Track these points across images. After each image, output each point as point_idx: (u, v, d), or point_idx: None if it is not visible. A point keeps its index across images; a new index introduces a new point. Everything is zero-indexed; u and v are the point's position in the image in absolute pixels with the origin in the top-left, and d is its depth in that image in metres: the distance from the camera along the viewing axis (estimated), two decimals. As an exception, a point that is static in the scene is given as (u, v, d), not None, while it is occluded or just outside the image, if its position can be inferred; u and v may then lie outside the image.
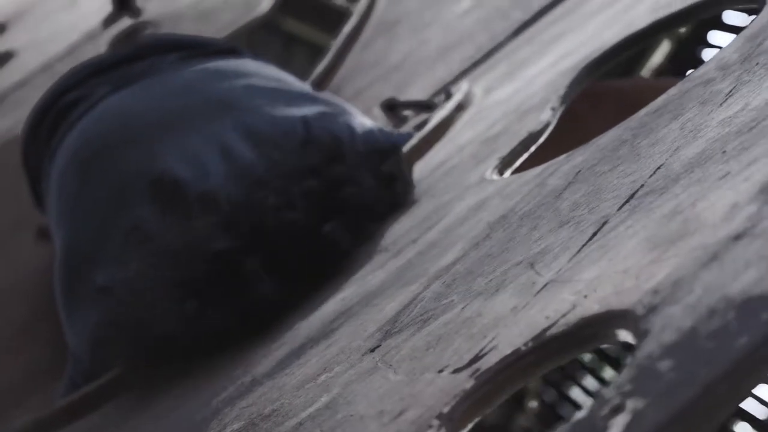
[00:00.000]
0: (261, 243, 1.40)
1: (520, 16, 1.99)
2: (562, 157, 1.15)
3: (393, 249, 1.25)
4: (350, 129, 1.52)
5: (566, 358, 0.78)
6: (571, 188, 1.03)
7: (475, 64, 1.94)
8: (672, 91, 1.11)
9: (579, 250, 0.88)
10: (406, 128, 1.80)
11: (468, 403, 0.78)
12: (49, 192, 1.73)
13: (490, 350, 0.81)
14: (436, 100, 1.83)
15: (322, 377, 1.00)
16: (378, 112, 1.89)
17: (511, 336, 0.81)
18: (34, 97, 1.92)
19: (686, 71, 1.96)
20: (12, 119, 2.23)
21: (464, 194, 1.26)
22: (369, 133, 1.52)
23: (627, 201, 0.91)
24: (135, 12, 2.40)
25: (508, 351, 0.79)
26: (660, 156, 0.96)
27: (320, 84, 2.05)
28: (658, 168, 0.93)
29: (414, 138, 1.62)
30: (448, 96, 1.75)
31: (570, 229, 0.94)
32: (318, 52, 2.24)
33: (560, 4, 1.93)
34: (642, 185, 0.92)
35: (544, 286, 0.86)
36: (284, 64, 2.22)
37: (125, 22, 2.43)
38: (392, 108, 1.79)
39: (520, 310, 0.85)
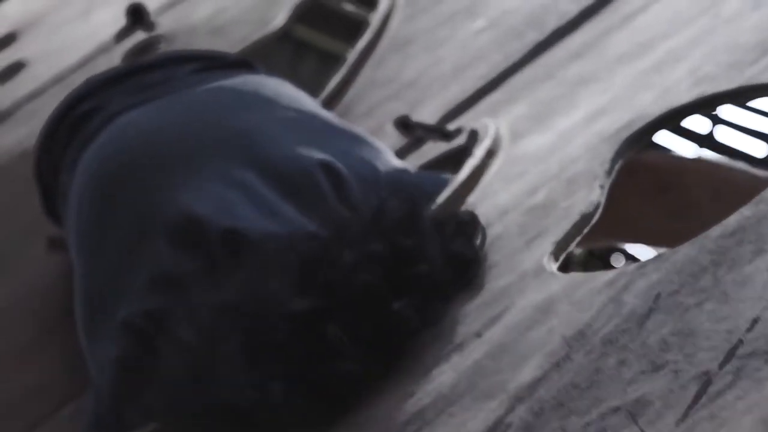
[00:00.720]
0: (338, 307, 1.30)
1: (534, 36, 1.99)
2: (632, 267, 1.17)
3: (455, 339, 1.26)
4: (420, 188, 1.50)
5: None
6: (655, 318, 1.06)
7: (491, 85, 1.94)
8: (746, 212, 1.13)
9: (686, 414, 0.91)
10: (423, 153, 1.81)
11: None
12: (68, 211, 1.72)
13: None
14: (452, 129, 1.83)
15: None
16: (391, 129, 1.89)
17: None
18: (46, 108, 1.90)
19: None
20: (25, 130, 2.21)
21: (523, 285, 1.28)
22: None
23: (727, 359, 0.94)
24: (149, 26, 2.38)
25: None
26: (752, 304, 0.99)
27: (333, 99, 2.05)
28: (755, 322, 0.96)
29: (447, 190, 1.62)
30: (474, 136, 1.76)
31: (667, 378, 0.96)
32: (328, 58, 2.23)
33: (577, 29, 1.94)
34: (741, 341, 0.95)
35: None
36: (294, 70, 2.22)
37: (139, 36, 2.41)
38: (406, 126, 1.79)
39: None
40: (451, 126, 1.85)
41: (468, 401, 1.13)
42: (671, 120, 1.49)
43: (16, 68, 2.65)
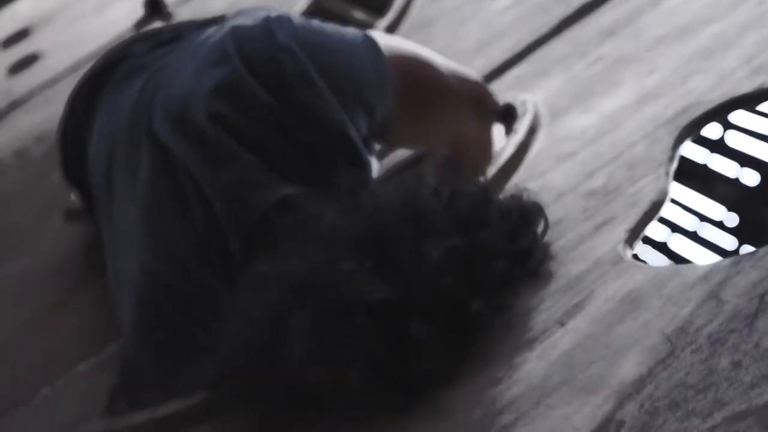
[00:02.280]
0: (419, 304, 1.24)
1: (561, 11, 1.99)
2: (726, 263, 1.18)
3: (535, 327, 1.26)
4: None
5: None
6: (765, 318, 1.06)
7: (517, 57, 1.93)
8: None
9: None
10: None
11: None
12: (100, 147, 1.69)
13: None
14: None
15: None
16: None
17: None
18: (61, 95, 1.91)
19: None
20: (40, 116, 2.23)
21: (601, 273, 1.28)
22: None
23: None
24: (166, 16, 2.36)
25: None
26: None
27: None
28: None
29: (493, 168, 1.62)
30: (511, 110, 1.75)
31: (794, 385, 0.97)
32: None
33: (605, 5, 1.94)
34: None
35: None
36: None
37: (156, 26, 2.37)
38: None
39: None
40: None
41: (566, 394, 1.12)
42: (730, 109, 1.49)
43: (30, 60, 2.66)
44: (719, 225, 1.63)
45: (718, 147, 1.79)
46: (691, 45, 1.67)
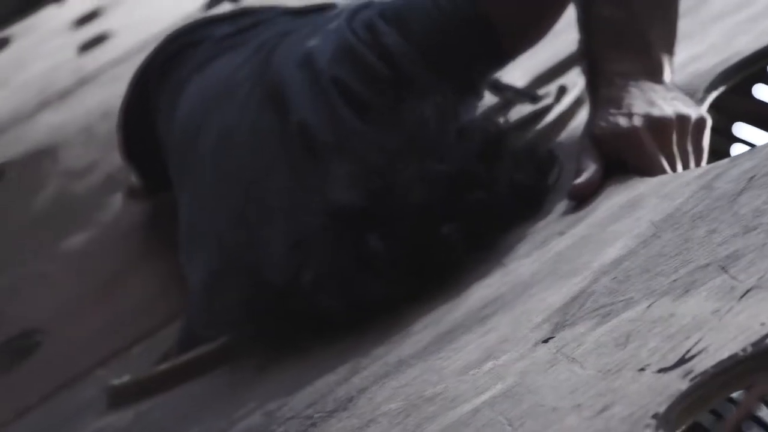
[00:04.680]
0: (383, 215, 1.26)
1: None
2: (725, 161, 1.14)
3: (536, 239, 1.23)
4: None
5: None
6: (748, 193, 1.02)
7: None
8: None
9: (781, 258, 0.87)
10: (513, 112, 1.79)
11: (684, 404, 0.77)
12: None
13: (699, 352, 0.81)
14: (543, 91, 1.81)
15: (488, 364, 0.99)
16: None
17: (723, 340, 0.80)
18: (129, 73, 1.94)
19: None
20: (107, 92, 2.29)
21: (609, 192, 1.25)
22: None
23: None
24: None
25: (725, 355, 0.78)
26: None
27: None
28: None
29: (531, 131, 1.60)
30: (563, 91, 1.74)
31: (761, 236, 0.93)
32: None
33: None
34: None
35: (747, 291, 0.85)
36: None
37: (225, 7, 2.43)
38: (496, 87, 1.77)
39: (725, 314, 0.84)
40: (542, 91, 1.84)
41: (549, 281, 1.10)
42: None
43: (100, 39, 2.71)
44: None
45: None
46: (741, 15, 1.64)
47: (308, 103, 1.51)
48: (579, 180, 1.25)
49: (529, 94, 1.82)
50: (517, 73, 1.90)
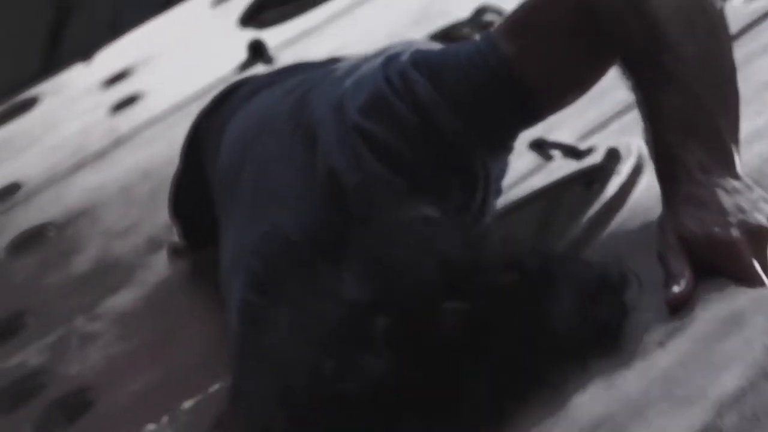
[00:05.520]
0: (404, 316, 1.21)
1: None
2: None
3: (634, 348, 1.22)
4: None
5: None
6: None
7: (629, 109, 1.91)
8: None
9: None
10: (555, 166, 1.80)
11: None
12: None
13: None
14: (586, 147, 1.83)
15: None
16: (524, 150, 1.88)
17: None
18: (166, 134, 1.97)
19: None
20: (144, 154, 2.31)
21: (706, 302, 1.24)
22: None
23: None
24: (268, 60, 2.45)
25: None
26: None
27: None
28: None
29: (594, 205, 1.60)
30: (613, 154, 1.74)
31: None
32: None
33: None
34: None
35: None
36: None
37: (259, 70, 2.45)
38: (540, 147, 1.80)
39: None
40: (583, 145, 1.85)
41: (664, 407, 1.11)
42: None
43: (131, 99, 2.75)
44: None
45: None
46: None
47: (336, 146, 1.54)
48: (676, 289, 1.23)
49: (572, 148, 1.84)
50: (561, 133, 1.90)
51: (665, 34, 1.36)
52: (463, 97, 1.52)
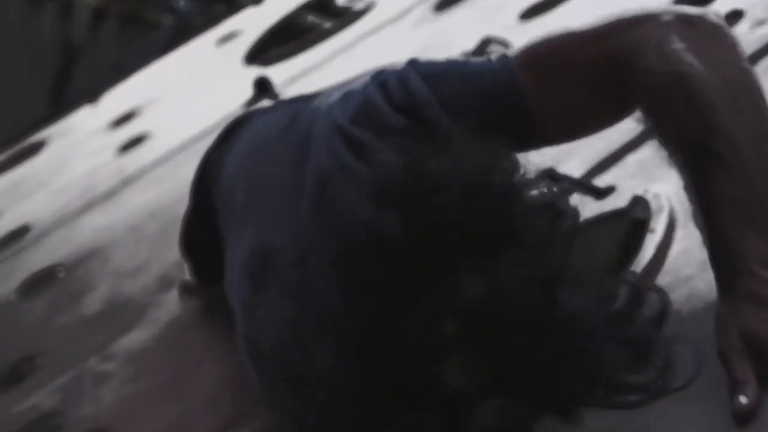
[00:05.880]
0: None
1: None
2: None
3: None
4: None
5: None
6: None
7: (638, 140, 1.83)
8: None
9: None
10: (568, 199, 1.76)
11: None
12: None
13: None
14: (603, 187, 1.77)
15: None
16: None
17: None
18: (173, 173, 1.97)
19: None
20: (152, 193, 2.31)
21: None
22: None
23: None
24: (274, 96, 2.46)
25: None
26: None
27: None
28: None
29: (635, 270, 1.52)
30: (640, 203, 1.67)
31: None
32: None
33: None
34: None
35: None
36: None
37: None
38: (552, 179, 1.77)
39: None
40: (599, 182, 1.80)
41: None
42: None
43: (138, 140, 2.76)
44: None
45: None
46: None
47: (325, 153, 1.53)
48: (743, 400, 1.18)
49: (586, 185, 1.77)
50: (570, 165, 1.84)
51: (717, 121, 1.31)
52: (459, 106, 1.48)
